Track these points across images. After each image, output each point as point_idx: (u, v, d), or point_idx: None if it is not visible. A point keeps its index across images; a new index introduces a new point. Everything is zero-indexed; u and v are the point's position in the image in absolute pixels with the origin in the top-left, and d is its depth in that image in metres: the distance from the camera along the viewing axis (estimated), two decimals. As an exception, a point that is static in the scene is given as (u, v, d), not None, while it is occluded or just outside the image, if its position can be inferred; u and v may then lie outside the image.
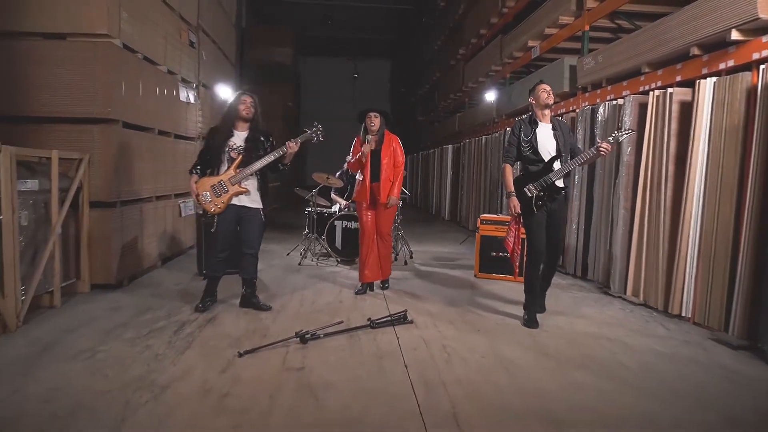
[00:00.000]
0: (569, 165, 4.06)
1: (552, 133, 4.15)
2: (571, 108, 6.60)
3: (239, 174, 4.14)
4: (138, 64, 5.32)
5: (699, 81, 4.15)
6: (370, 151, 4.82)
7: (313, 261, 6.53)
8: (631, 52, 5.19)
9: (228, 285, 4.71)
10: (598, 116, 5.49)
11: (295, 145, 4.19)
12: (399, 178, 4.92)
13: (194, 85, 7.20)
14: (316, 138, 4.32)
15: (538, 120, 4.19)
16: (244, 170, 4.14)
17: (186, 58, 6.79)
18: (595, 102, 5.85)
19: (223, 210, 4.17)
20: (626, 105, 4.99)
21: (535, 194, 4.08)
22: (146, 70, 5.52)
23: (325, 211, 6.81)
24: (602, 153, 3.96)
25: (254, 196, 4.25)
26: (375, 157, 4.87)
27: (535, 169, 4.14)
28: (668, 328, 4.12)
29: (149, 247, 5.68)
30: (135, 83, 5.21)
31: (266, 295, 4.74)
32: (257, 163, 4.14)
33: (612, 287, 5.16)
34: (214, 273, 4.36)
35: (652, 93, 4.68)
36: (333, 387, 2.92)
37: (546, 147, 4.13)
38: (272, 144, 4.32)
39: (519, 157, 4.23)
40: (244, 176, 4.15)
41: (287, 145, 4.16)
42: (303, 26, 19.03)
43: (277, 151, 4.18)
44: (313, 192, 6.75)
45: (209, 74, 7.96)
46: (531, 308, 4.17)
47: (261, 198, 4.29)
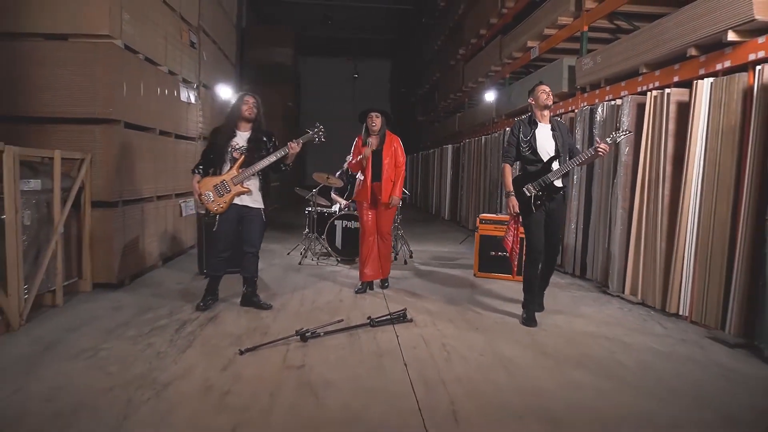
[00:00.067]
0: (568, 165, 4.09)
1: (551, 133, 4.18)
2: (569, 108, 6.62)
3: (241, 174, 4.17)
4: (139, 64, 5.34)
5: (696, 82, 4.18)
6: (372, 151, 4.86)
7: (313, 260, 6.55)
8: (629, 52, 5.21)
9: (229, 284, 4.74)
10: (597, 116, 5.52)
11: (297, 146, 4.21)
12: (400, 178, 4.96)
13: (195, 86, 7.23)
14: (317, 139, 4.34)
15: (537, 120, 4.22)
16: (246, 170, 4.17)
17: (187, 59, 6.82)
18: (594, 102, 5.87)
19: (225, 210, 4.20)
20: (624, 105, 5.02)
21: (533, 194, 4.11)
22: (147, 71, 5.55)
23: (325, 210, 6.84)
24: (600, 154, 3.99)
25: (256, 196, 4.28)
26: (376, 157, 4.90)
27: (534, 169, 4.17)
28: (666, 327, 4.15)
29: (150, 246, 5.71)
30: (136, 84, 5.24)
31: (267, 294, 4.76)
32: (259, 164, 4.17)
33: (610, 286, 5.18)
34: (215, 272, 4.38)
35: (649, 93, 4.70)
36: (333, 385, 2.94)
37: (545, 147, 4.15)
38: (274, 144, 4.34)
39: (518, 157, 4.26)
40: (247, 176, 4.18)
41: (289, 145, 4.18)
42: (303, 26, 19.02)
43: (279, 151, 4.21)
44: (314, 192, 6.77)
45: (210, 74, 7.99)
46: (530, 307, 4.20)
47: (263, 198, 4.32)
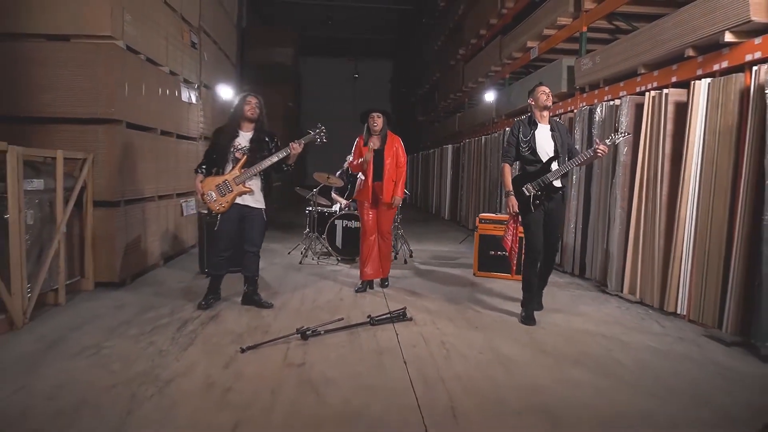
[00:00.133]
0: (567, 166, 4.12)
1: (550, 134, 4.21)
2: (569, 108, 6.65)
3: (244, 174, 4.20)
4: (141, 65, 5.37)
5: (694, 82, 4.21)
6: (374, 151, 4.90)
7: (313, 260, 6.58)
8: (627, 53, 5.24)
9: (230, 283, 4.77)
10: (596, 116, 5.55)
11: (299, 147, 4.24)
12: (402, 178, 5.00)
13: (196, 86, 7.26)
14: (319, 140, 4.36)
15: (536, 121, 4.25)
16: (248, 170, 4.20)
17: (188, 59, 6.85)
18: (593, 102, 5.90)
19: (227, 209, 4.23)
20: (623, 105, 5.05)
21: (533, 193, 4.14)
22: (149, 71, 5.58)
23: (325, 210, 6.87)
24: (599, 155, 4.02)
25: (257, 196, 4.31)
26: (378, 156, 4.94)
27: (533, 169, 4.20)
28: (664, 326, 4.18)
29: (152, 245, 5.74)
30: (138, 84, 5.27)
31: (268, 293, 4.79)
32: (261, 164, 4.20)
33: (609, 285, 5.21)
34: (216, 271, 4.41)
35: (648, 94, 4.73)
36: (333, 382, 2.97)
37: (544, 148, 4.19)
38: (276, 145, 4.37)
39: (517, 157, 4.29)
40: (249, 176, 4.21)
41: (291, 146, 4.21)
42: (303, 26, 19.02)
43: (281, 152, 4.23)
44: (314, 191, 6.80)
45: (211, 75, 8.02)
46: (528, 306, 4.23)
47: (264, 198, 4.35)
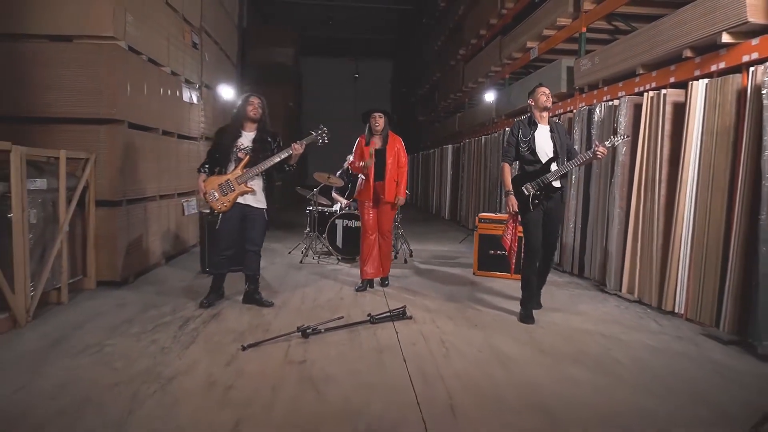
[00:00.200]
0: (566, 167, 4.15)
1: (549, 134, 4.24)
2: (568, 108, 6.68)
3: (246, 174, 4.23)
4: (142, 65, 5.41)
5: (691, 82, 4.24)
6: (375, 150, 4.96)
7: (314, 259, 6.61)
8: (626, 53, 5.27)
9: (231, 282, 4.79)
10: (595, 117, 5.58)
11: (301, 147, 4.27)
12: (405, 179, 5.05)
13: (197, 86, 7.29)
14: (321, 140, 4.39)
15: (536, 121, 4.28)
16: (250, 170, 4.23)
17: (189, 59, 6.88)
18: (592, 103, 5.93)
19: (229, 208, 4.26)
20: (621, 106, 5.08)
21: (532, 193, 4.18)
22: (150, 72, 5.61)
23: (326, 210, 6.90)
24: (598, 156, 4.07)
25: (259, 196, 4.34)
26: (380, 156, 4.99)
27: (532, 169, 4.23)
28: (661, 325, 4.21)
29: (153, 245, 5.77)
30: (140, 84, 5.30)
31: (268, 292, 4.82)
32: (263, 164, 4.23)
33: (608, 285, 5.24)
34: (218, 270, 4.45)
35: (646, 94, 4.76)
36: (334, 380, 3.00)
37: (543, 148, 4.22)
38: (279, 145, 4.40)
39: (517, 157, 4.32)
40: (251, 176, 4.24)
41: (293, 146, 4.24)
42: (303, 26, 19.06)
43: (283, 152, 4.27)
44: (314, 191, 6.83)
45: (212, 75, 8.05)
46: (528, 304, 4.26)
47: (266, 198, 4.38)
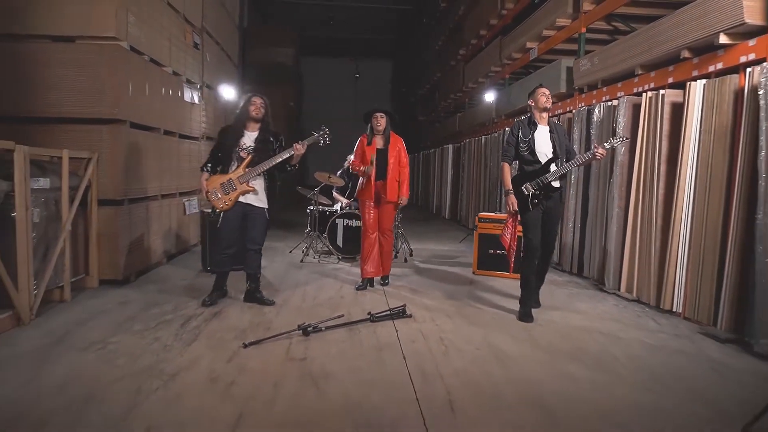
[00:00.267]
0: (565, 167, 4.19)
1: (549, 135, 4.28)
2: (567, 109, 6.71)
3: (248, 173, 4.27)
4: (144, 65, 5.44)
5: (689, 83, 4.27)
6: (377, 150, 5.02)
7: (315, 258, 6.64)
8: (625, 54, 5.30)
9: (232, 281, 4.82)
10: (594, 117, 5.61)
11: (302, 148, 4.30)
12: (407, 178, 5.11)
13: (198, 86, 7.32)
14: (323, 141, 4.43)
15: (536, 122, 4.32)
16: (252, 170, 4.27)
17: (190, 60, 6.92)
18: (591, 103, 5.96)
19: (231, 207, 4.30)
20: (620, 106, 5.11)
21: (531, 192, 4.21)
22: (152, 72, 5.65)
23: (326, 209, 6.93)
24: (597, 157, 4.11)
25: (261, 196, 4.37)
26: (382, 156, 5.04)
27: (531, 169, 4.27)
28: (660, 323, 4.24)
29: (155, 244, 5.81)
30: (141, 84, 5.34)
31: (269, 291, 4.86)
32: (265, 163, 4.27)
33: (606, 284, 5.27)
34: (220, 268, 4.49)
35: (645, 94, 4.79)
36: (334, 376, 3.04)
37: (543, 149, 4.26)
38: (281, 145, 4.44)
39: (516, 156, 4.36)
40: (253, 175, 4.28)
41: (294, 147, 4.28)
42: (303, 26, 19.08)
43: (285, 152, 4.30)
44: (315, 191, 6.86)
45: (213, 75, 8.08)
46: (526, 303, 4.29)
47: (268, 198, 4.41)
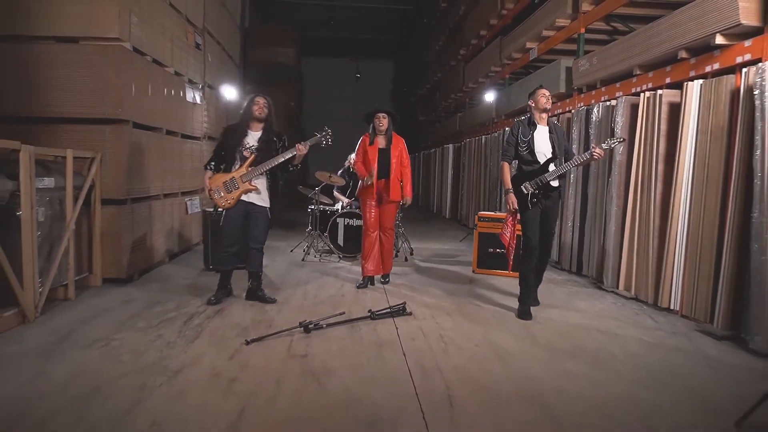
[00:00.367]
0: (564, 167, 4.24)
1: (548, 135, 4.33)
2: (567, 108, 6.75)
3: (250, 172, 4.32)
4: (147, 66, 5.49)
5: (687, 83, 4.31)
6: (380, 149, 5.08)
7: (316, 257, 6.69)
8: (623, 54, 5.34)
9: (234, 279, 4.85)
10: (593, 117, 5.65)
11: (305, 148, 4.35)
12: (409, 179, 5.17)
13: (200, 86, 7.37)
14: (325, 142, 4.48)
15: (536, 122, 4.36)
16: (255, 169, 4.32)
17: (192, 60, 6.96)
18: (590, 103, 6.00)
19: (233, 205, 4.35)
20: (619, 106, 5.15)
21: (530, 192, 4.26)
22: (155, 72, 5.69)
23: (327, 208, 6.97)
24: (595, 158, 4.16)
25: (263, 195, 4.42)
26: (384, 156, 5.09)
27: (530, 169, 4.31)
28: (657, 321, 4.28)
29: (158, 243, 5.86)
30: (144, 85, 5.39)
31: (271, 289, 4.90)
32: (268, 163, 4.32)
33: (605, 282, 5.31)
34: (222, 266, 4.53)
35: (643, 94, 4.83)
36: (335, 373, 3.09)
37: (542, 149, 4.31)
38: (284, 145, 4.49)
39: (516, 156, 4.41)
40: (255, 175, 4.33)
41: (297, 147, 4.33)
42: (304, 26, 19.12)
43: (287, 152, 4.35)
44: (316, 190, 6.90)
45: (214, 75, 8.13)
46: (525, 301, 4.34)
47: (270, 198, 4.45)
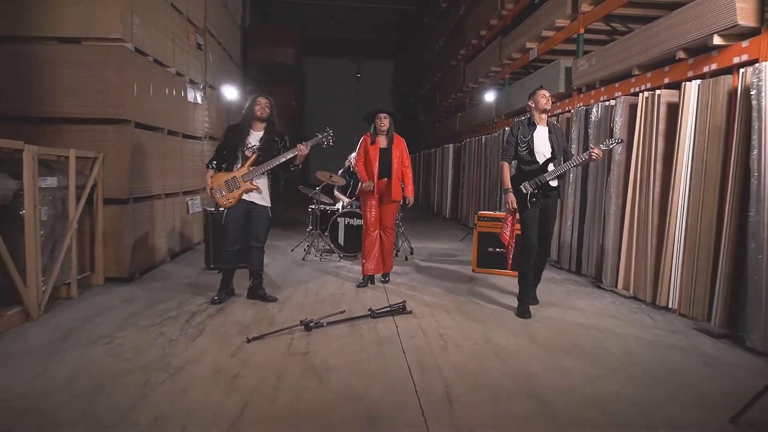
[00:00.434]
0: (562, 168, 4.28)
1: (548, 136, 4.37)
2: (566, 108, 6.78)
3: (252, 172, 4.35)
4: (149, 66, 5.53)
5: (685, 83, 4.34)
6: (381, 149, 5.12)
7: (316, 257, 6.72)
8: (622, 54, 5.36)
9: (236, 278, 4.89)
10: (592, 116, 5.68)
11: (306, 149, 4.38)
12: (411, 179, 5.22)
13: (201, 86, 7.41)
14: (326, 143, 4.51)
15: (536, 122, 4.40)
16: (256, 168, 4.35)
17: (193, 60, 7.00)
18: (589, 103, 6.03)
19: (234, 204, 4.38)
20: (618, 106, 5.18)
21: (530, 191, 4.29)
22: (156, 72, 5.73)
23: (328, 208, 7.01)
24: (594, 158, 4.21)
25: (264, 194, 4.45)
26: (385, 155, 5.14)
27: (529, 169, 4.35)
28: (655, 319, 4.31)
29: (159, 242, 5.89)
30: (146, 85, 5.42)
31: (272, 288, 4.93)
32: (269, 163, 4.35)
33: (604, 281, 5.34)
34: (225, 265, 4.57)
35: (641, 95, 4.86)
36: (335, 370, 3.12)
37: (541, 149, 4.34)
38: (285, 145, 4.52)
39: (515, 156, 4.44)
40: (256, 174, 4.36)
41: (298, 147, 4.36)
42: (304, 26, 19.14)
43: (289, 153, 4.38)
44: (317, 190, 6.94)
45: (215, 75, 8.17)
46: (524, 299, 4.37)
47: (271, 197, 4.49)
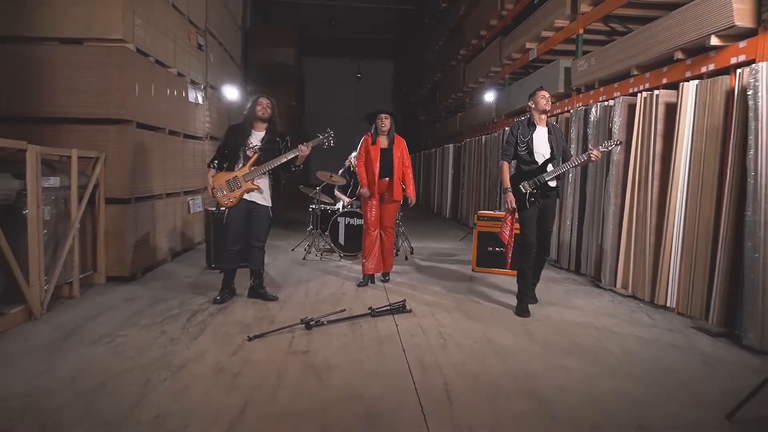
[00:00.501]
0: (561, 168, 4.31)
1: (547, 136, 4.40)
2: (565, 108, 6.80)
3: (253, 172, 4.38)
4: (150, 67, 5.56)
5: (683, 84, 4.36)
6: (382, 149, 5.14)
7: (317, 256, 6.75)
8: (621, 55, 5.39)
9: (237, 278, 4.91)
10: (591, 117, 5.71)
11: (307, 149, 4.41)
12: (411, 179, 5.26)
13: (202, 87, 7.43)
14: (327, 143, 4.55)
15: (535, 123, 4.43)
16: (257, 168, 4.38)
17: (194, 61, 7.03)
18: (588, 103, 6.05)
19: (235, 204, 4.41)
20: (616, 106, 5.21)
21: (529, 191, 4.32)
22: (158, 73, 5.76)
23: (328, 208, 7.03)
24: (593, 159, 4.26)
25: (265, 194, 4.48)
26: (386, 155, 5.16)
27: (529, 169, 4.38)
28: (653, 318, 4.34)
29: (160, 241, 5.92)
30: (147, 85, 5.45)
31: (273, 287, 4.96)
32: (270, 163, 4.38)
33: (603, 280, 5.37)
34: (228, 265, 4.59)
35: (640, 95, 4.89)
36: (336, 368, 3.15)
37: (541, 149, 4.38)
38: (287, 145, 4.55)
39: (515, 156, 4.47)
40: (257, 174, 4.39)
41: (299, 148, 4.39)
42: (304, 26, 19.17)
43: (290, 153, 4.41)
44: (317, 190, 6.97)
45: (216, 75, 8.19)
46: (523, 298, 4.40)
47: (271, 197, 4.52)
